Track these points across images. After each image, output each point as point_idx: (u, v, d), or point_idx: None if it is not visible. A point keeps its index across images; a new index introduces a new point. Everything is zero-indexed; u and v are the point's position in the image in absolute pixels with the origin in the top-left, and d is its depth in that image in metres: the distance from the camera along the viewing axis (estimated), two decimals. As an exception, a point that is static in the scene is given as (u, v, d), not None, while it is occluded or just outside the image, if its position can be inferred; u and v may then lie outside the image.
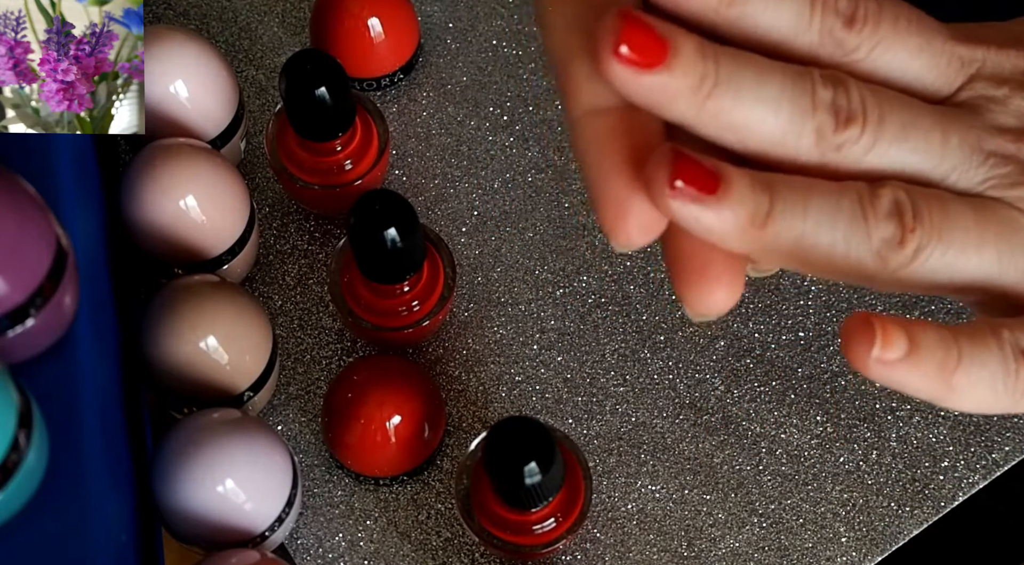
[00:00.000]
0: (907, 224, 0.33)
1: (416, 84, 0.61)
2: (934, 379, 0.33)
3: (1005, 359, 0.33)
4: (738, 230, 0.32)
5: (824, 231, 0.33)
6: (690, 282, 0.33)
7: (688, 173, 0.32)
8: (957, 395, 0.33)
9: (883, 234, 0.33)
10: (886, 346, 0.32)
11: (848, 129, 0.33)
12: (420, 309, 0.53)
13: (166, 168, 0.51)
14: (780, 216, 0.32)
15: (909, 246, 0.33)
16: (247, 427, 0.49)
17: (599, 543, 0.52)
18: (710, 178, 0.32)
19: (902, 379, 0.32)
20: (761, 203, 0.32)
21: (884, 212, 0.33)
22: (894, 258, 0.33)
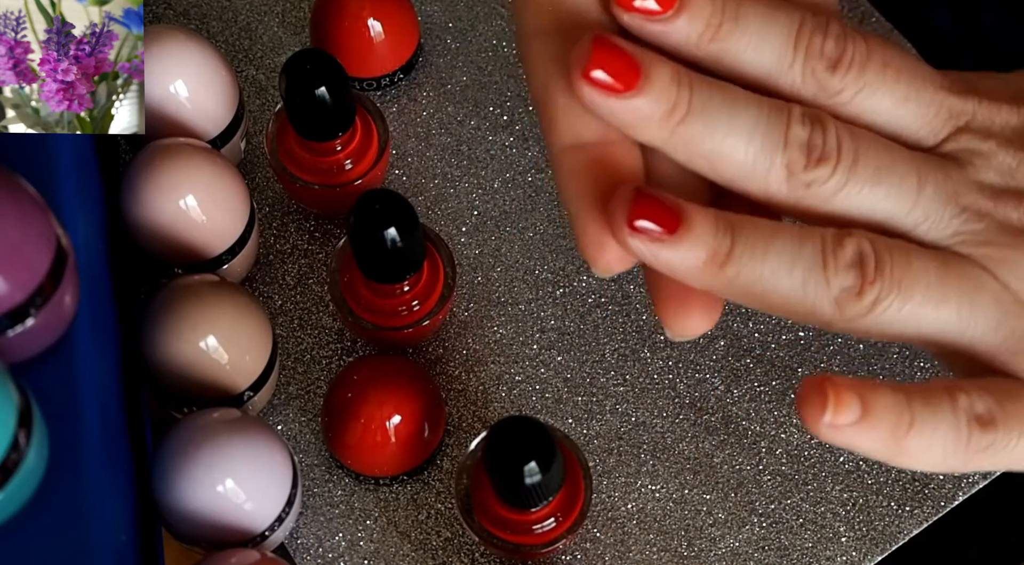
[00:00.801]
0: (867, 275, 0.33)
1: (416, 84, 0.61)
2: (886, 442, 0.33)
3: (958, 424, 0.33)
4: (697, 269, 0.33)
5: (782, 275, 0.33)
6: (668, 306, 0.34)
7: (648, 212, 0.32)
8: (907, 457, 0.33)
9: (842, 283, 0.33)
10: (838, 411, 0.32)
11: (819, 168, 0.33)
12: (420, 309, 0.53)
13: (166, 168, 0.51)
14: (739, 258, 0.33)
15: (867, 297, 0.33)
16: (247, 427, 0.49)
17: (599, 543, 0.52)
18: (671, 217, 0.32)
19: (853, 442, 0.33)
20: (722, 244, 0.33)
21: (845, 262, 0.33)
22: (851, 307, 0.33)
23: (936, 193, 0.34)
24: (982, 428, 0.33)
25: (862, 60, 0.34)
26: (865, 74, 0.34)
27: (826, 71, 0.34)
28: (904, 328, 0.33)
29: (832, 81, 0.34)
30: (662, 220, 0.32)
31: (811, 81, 0.34)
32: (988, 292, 0.33)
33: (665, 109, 0.33)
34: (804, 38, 0.34)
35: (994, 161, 0.34)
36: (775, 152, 0.33)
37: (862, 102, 0.34)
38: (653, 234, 0.32)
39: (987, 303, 0.33)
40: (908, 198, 0.34)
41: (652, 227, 0.32)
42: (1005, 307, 0.34)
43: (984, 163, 0.34)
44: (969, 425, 0.33)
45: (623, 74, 0.32)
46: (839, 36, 0.34)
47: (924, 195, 0.34)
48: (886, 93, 0.34)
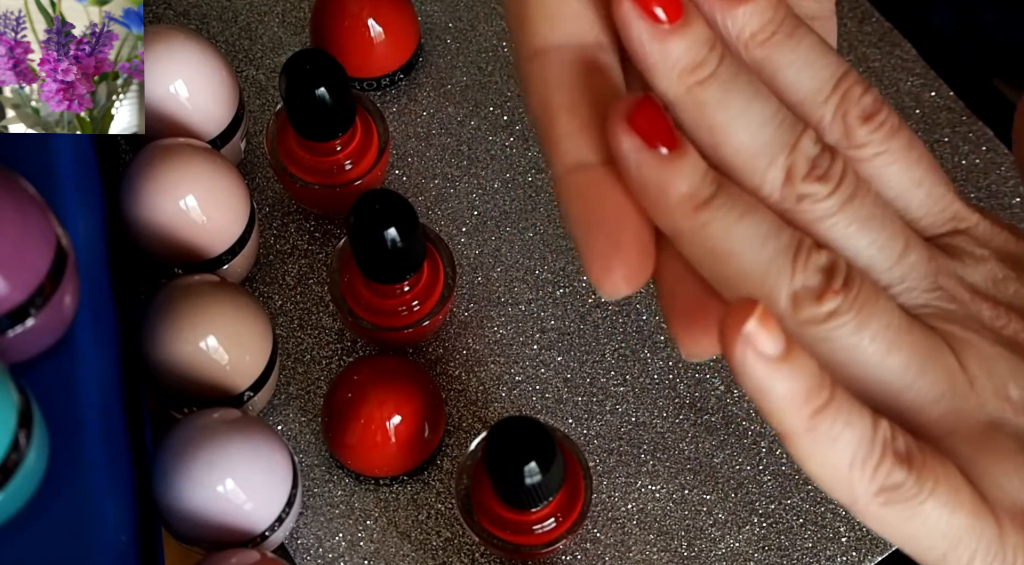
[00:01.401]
0: (833, 284, 0.31)
1: (416, 84, 0.61)
2: (798, 405, 0.30)
3: (874, 439, 0.31)
4: (671, 201, 0.32)
5: (752, 245, 0.32)
6: (684, 326, 0.33)
7: (650, 120, 0.32)
8: (813, 442, 0.31)
9: (806, 281, 0.32)
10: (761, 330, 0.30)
11: (817, 184, 0.32)
12: (420, 309, 0.53)
13: (166, 168, 0.51)
14: (717, 208, 0.32)
15: (826, 305, 0.31)
16: (247, 427, 0.49)
17: (599, 543, 0.52)
18: (670, 136, 0.32)
19: (765, 381, 0.30)
20: (706, 187, 0.32)
21: (818, 263, 0.32)
22: (806, 309, 0.31)
23: (918, 263, 0.33)
24: (896, 461, 0.31)
25: (892, 128, 0.34)
26: (891, 141, 0.34)
27: (857, 119, 0.33)
28: (851, 359, 0.32)
29: (860, 132, 0.33)
30: (660, 133, 0.31)
31: (839, 124, 0.33)
32: (944, 364, 0.32)
33: (691, 61, 0.32)
34: (847, 82, 0.33)
35: (983, 266, 0.34)
36: (780, 151, 0.32)
37: (879, 167, 0.34)
38: (648, 139, 0.31)
39: (939, 373, 0.32)
40: (890, 256, 0.33)
41: (650, 132, 0.31)
42: (955, 385, 0.32)
43: (973, 263, 0.34)
44: (883, 449, 0.31)
45: (672, 5, 0.32)
46: (879, 98, 0.34)
47: (906, 259, 0.33)
48: (903, 169, 0.34)
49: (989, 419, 0.32)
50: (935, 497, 0.31)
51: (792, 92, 0.34)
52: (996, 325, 0.33)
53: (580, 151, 0.33)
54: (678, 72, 0.32)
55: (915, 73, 0.60)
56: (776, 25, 0.33)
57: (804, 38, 0.34)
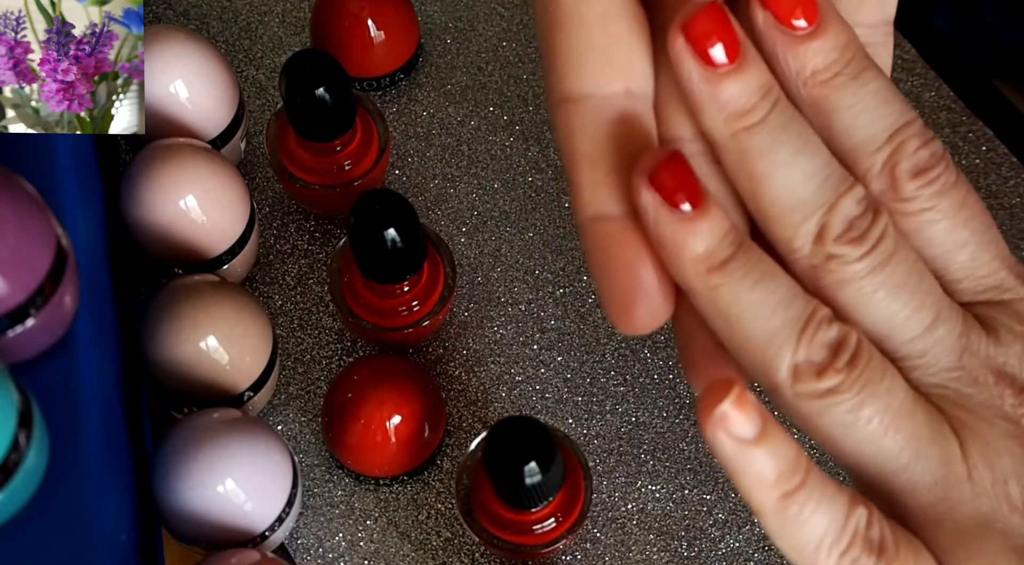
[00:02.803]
0: (837, 362, 0.31)
1: (416, 84, 0.61)
2: (772, 484, 0.30)
3: (846, 525, 0.31)
4: (687, 259, 0.31)
5: (761, 314, 0.31)
6: (700, 375, 0.33)
7: (675, 176, 0.31)
8: (784, 520, 0.31)
9: (809, 355, 0.31)
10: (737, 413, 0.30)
11: (850, 246, 0.32)
12: (420, 309, 0.53)
13: (166, 168, 0.51)
14: (731, 272, 0.31)
15: (825, 382, 0.31)
16: (247, 427, 0.49)
17: (599, 543, 0.52)
18: (695, 193, 0.31)
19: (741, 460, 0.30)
20: (724, 249, 0.31)
21: (825, 338, 0.31)
22: (805, 384, 0.31)
23: (944, 339, 0.32)
24: (866, 550, 0.31)
25: (946, 185, 0.33)
26: (942, 199, 0.33)
27: (907, 173, 0.32)
28: (843, 435, 0.32)
29: (907, 186, 0.32)
30: (683, 190, 0.31)
31: (887, 175, 0.32)
32: (943, 450, 0.32)
33: (741, 107, 0.32)
34: (906, 134, 0.32)
35: (1018, 345, 0.33)
36: (818, 209, 0.32)
37: (923, 224, 0.33)
38: (670, 196, 0.31)
39: (937, 460, 0.32)
40: (915, 328, 0.32)
41: (673, 189, 0.31)
42: (952, 475, 0.32)
43: (1010, 341, 0.33)
44: (853, 537, 0.31)
45: (729, 46, 0.31)
46: (937, 153, 0.33)
47: (932, 334, 0.32)
48: (948, 229, 0.33)
49: (981, 513, 0.32)
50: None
51: (846, 137, 0.33)
52: (1016, 414, 0.32)
53: (601, 203, 0.33)
54: (725, 116, 0.32)
55: (915, 73, 0.60)
56: (841, 66, 0.33)
57: (870, 82, 0.33)
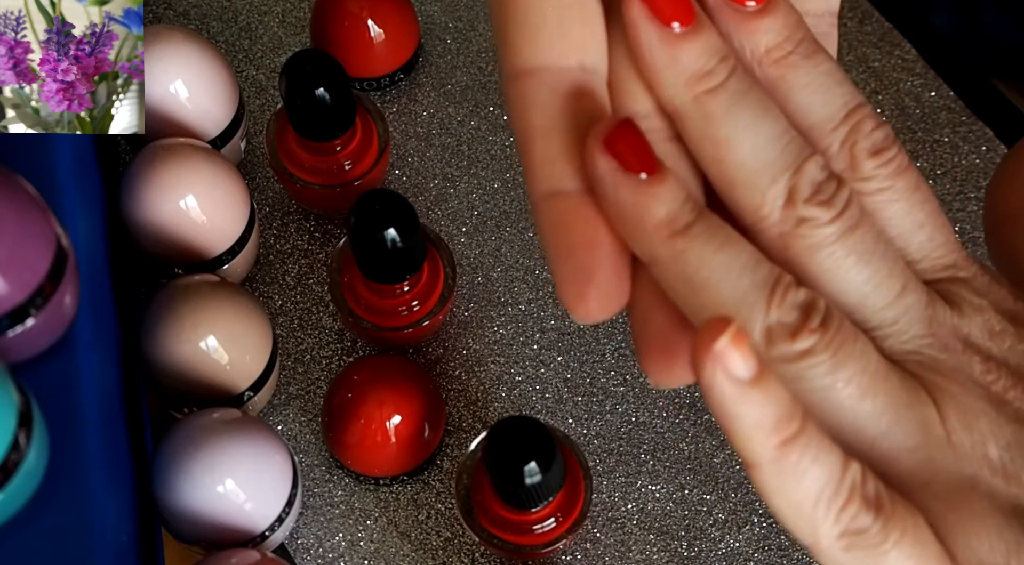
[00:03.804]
0: (809, 323, 0.30)
1: (416, 84, 0.61)
2: (767, 433, 0.29)
3: (842, 479, 0.30)
4: (647, 225, 0.31)
5: (728, 276, 0.30)
6: (654, 358, 0.32)
7: (630, 143, 0.31)
8: (779, 469, 0.29)
9: (781, 316, 0.30)
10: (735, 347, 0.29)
11: (819, 208, 0.31)
12: (420, 309, 0.53)
13: (166, 168, 0.51)
14: (694, 236, 0.30)
15: (800, 343, 0.30)
16: (247, 427, 0.49)
17: (599, 543, 0.52)
18: (650, 160, 0.31)
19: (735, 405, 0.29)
20: (685, 213, 0.31)
21: (795, 300, 0.30)
22: (780, 346, 0.30)
23: (913, 306, 0.32)
24: (864, 505, 0.30)
25: (901, 166, 0.33)
26: (898, 179, 0.33)
27: (865, 152, 0.32)
28: (822, 399, 0.31)
29: (866, 164, 0.32)
30: (640, 157, 0.30)
31: (846, 154, 0.32)
32: (921, 414, 0.31)
33: (700, 69, 0.31)
34: (860, 114, 0.33)
35: (980, 317, 0.33)
36: (784, 171, 0.31)
37: (882, 203, 0.33)
38: (626, 163, 0.30)
39: (915, 423, 0.31)
40: (886, 295, 0.32)
41: (627, 155, 0.30)
42: (930, 437, 0.31)
43: (972, 314, 0.33)
44: (851, 492, 0.30)
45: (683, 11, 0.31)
46: (890, 136, 0.33)
47: (902, 301, 0.32)
48: (906, 209, 0.33)
49: (965, 477, 0.31)
50: (900, 548, 0.30)
51: (803, 116, 0.33)
52: (986, 380, 0.32)
53: (556, 178, 0.32)
54: (686, 79, 0.31)
55: (915, 73, 0.60)
56: (794, 44, 0.33)
57: (822, 63, 0.33)
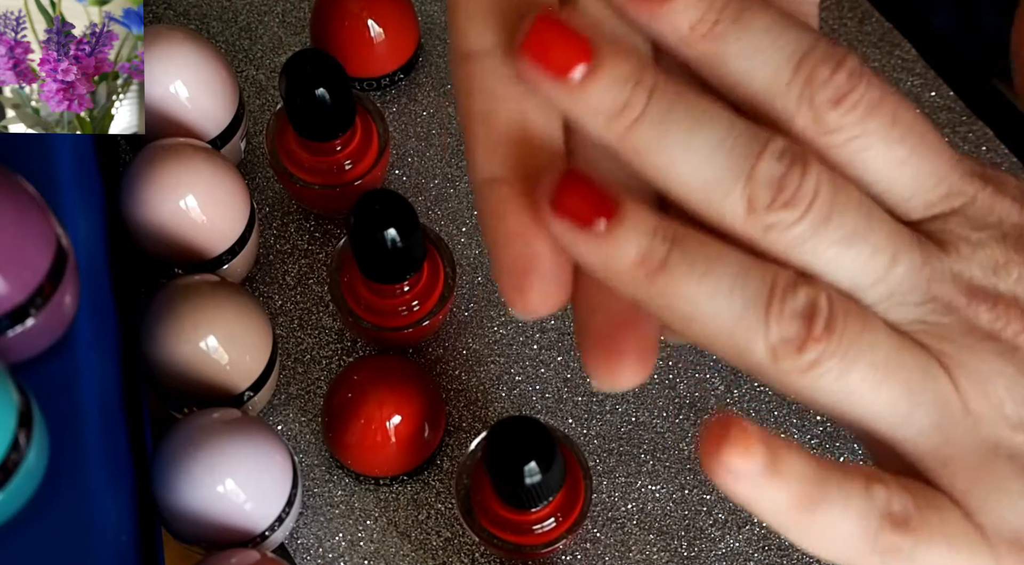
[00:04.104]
0: (814, 331, 0.29)
1: (416, 84, 0.61)
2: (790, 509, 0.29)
3: (868, 516, 0.30)
4: (623, 271, 0.29)
5: (719, 302, 0.29)
6: (597, 358, 0.30)
7: (578, 194, 0.29)
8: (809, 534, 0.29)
9: (784, 332, 0.29)
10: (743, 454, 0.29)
11: (783, 211, 0.29)
12: (420, 309, 0.53)
13: (166, 168, 0.51)
14: (673, 269, 0.29)
15: (808, 355, 0.29)
16: (247, 427, 0.49)
17: (599, 543, 0.52)
18: (603, 204, 0.29)
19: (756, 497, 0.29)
20: (657, 249, 0.29)
21: (794, 309, 0.29)
22: (787, 361, 0.29)
23: (908, 274, 0.31)
24: (892, 527, 0.30)
25: (870, 106, 0.30)
26: (868, 121, 0.30)
27: (827, 103, 0.30)
28: (837, 401, 0.30)
29: (830, 116, 0.30)
30: (592, 206, 0.29)
31: (807, 110, 0.30)
32: (937, 391, 0.31)
33: (614, 106, 0.29)
34: (811, 61, 0.30)
35: (981, 253, 0.31)
36: (736, 180, 0.29)
37: (855, 151, 0.30)
38: (580, 219, 0.29)
39: (932, 403, 0.31)
40: (876, 271, 0.30)
41: (578, 222, 0.29)
42: (950, 413, 0.31)
43: (970, 253, 0.31)
44: (880, 521, 0.30)
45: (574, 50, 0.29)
46: (854, 72, 0.30)
47: (894, 273, 0.30)
48: (884, 151, 0.30)
49: (985, 442, 0.31)
50: (932, 547, 0.30)
51: (747, 84, 0.30)
52: (995, 328, 0.31)
53: (494, 164, 0.31)
54: (603, 121, 0.29)
55: (915, 73, 0.60)
56: (716, 13, 0.30)
57: (755, 19, 0.30)
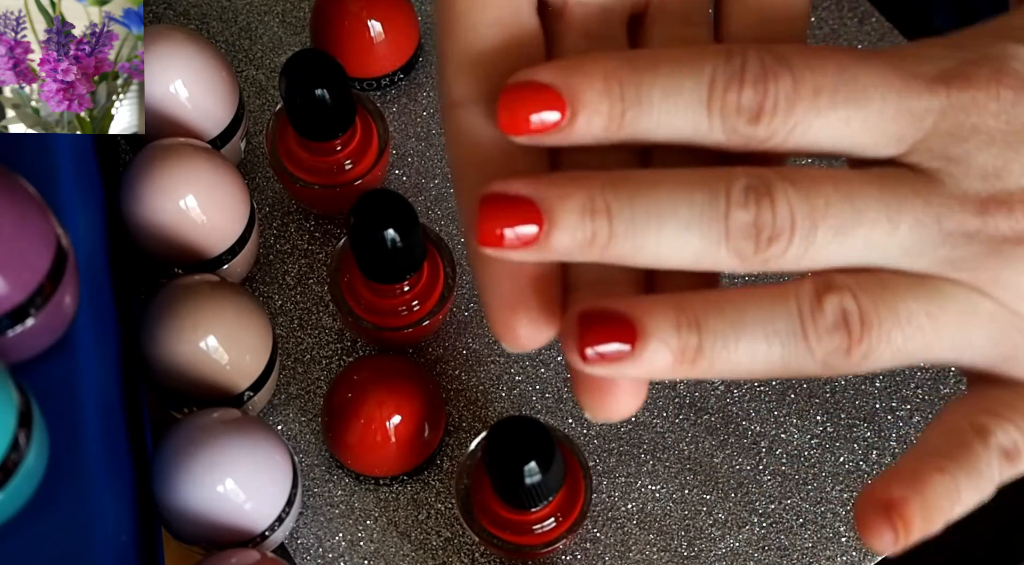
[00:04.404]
0: (854, 335, 0.31)
1: (416, 84, 0.61)
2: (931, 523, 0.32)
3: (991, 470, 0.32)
4: (667, 370, 0.31)
5: (760, 353, 0.31)
6: (590, 393, 0.32)
7: (599, 333, 0.30)
8: None
9: (827, 348, 0.31)
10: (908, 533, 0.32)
11: (771, 247, 0.31)
12: (420, 309, 0.53)
13: (166, 168, 0.51)
14: (709, 350, 0.31)
15: (856, 355, 0.31)
16: (247, 427, 0.49)
17: (599, 543, 0.52)
18: (625, 330, 0.30)
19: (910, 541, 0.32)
20: (688, 341, 0.30)
21: (827, 325, 0.31)
22: (841, 365, 0.31)
23: (914, 227, 0.31)
24: (1010, 462, 0.32)
25: (788, 100, 0.31)
26: (793, 113, 0.31)
27: (748, 125, 0.31)
28: (898, 365, 0.32)
29: (757, 132, 0.31)
30: (616, 337, 0.30)
31: (736, 137, 0.31)
32: (983, 316, 0.31)
33: (584, 241, 0.31)
34: (717, 98, 0.31)
35: (973, 166, 0.31)
36: (718, 245, 0.30)
37: (799, 138, 0.31)
38: (611, 356, 0.30)
39: (982, 327, 0.32)
40: (881, 244, 0.31)
41: (608, 350, 0.30)
42: (1002, 325, 0.32)
43: (963, 172, 0.31)
44: (1000, 464, 0.32)
45: (526, 221, 0.30)
46: (757, 78, 0.31)
47: (898, 235, 0.31)
48: (823, 124, 0.31)
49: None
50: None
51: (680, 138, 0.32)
52: (1018, 230, 0.31)
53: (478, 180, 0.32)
54: (581, 252, 0.31)
55: (915, 73, 0.60)
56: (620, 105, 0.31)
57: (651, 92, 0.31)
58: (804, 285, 0.31)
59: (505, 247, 0.31)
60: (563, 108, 0.31)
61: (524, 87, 0.31)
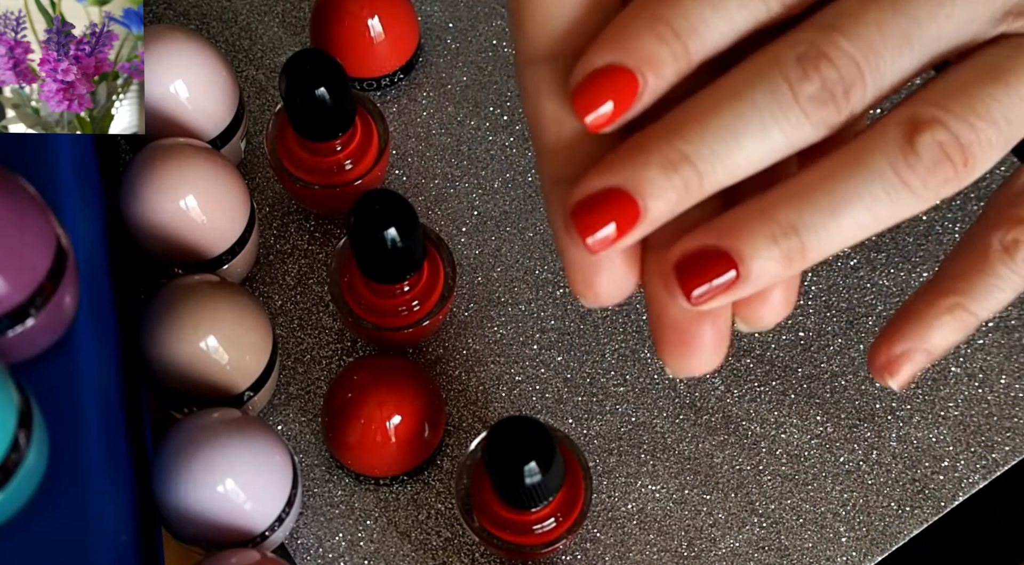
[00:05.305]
0: (957, 162, 0.30)
1: (416, 84, 0.61)
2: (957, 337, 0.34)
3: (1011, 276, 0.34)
4: (781, 276, 0.31)
5: (865, 220, 0.30)
6: (673, 349, 0.32)
7: (701, 275, 0.31)
8: None
9: (934, 186, 0.31)
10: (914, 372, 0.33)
11: (852, 97, 0.30)
12: (420, 309, 0.53)
13: (166, 168, 0.51)
14: (815, 243, 0.31)
15: (964, 176, 0.31)
16: (247, 427, 0.49)
17: (599, 543, 0.52)
18: (724, 262, 0.31)
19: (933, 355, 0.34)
20: (790, 246, 0.31)
21: (928, 166, 0.30)
22: (951, 190, 0.31)
23: (968, 16, 0.31)
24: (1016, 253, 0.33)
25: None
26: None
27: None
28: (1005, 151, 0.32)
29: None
30: (717, 271, 0.31)
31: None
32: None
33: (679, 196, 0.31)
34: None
35: None
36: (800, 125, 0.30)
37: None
38: (720, 288, 0.31)
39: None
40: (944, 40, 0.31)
41: (715, 284, 0.31)
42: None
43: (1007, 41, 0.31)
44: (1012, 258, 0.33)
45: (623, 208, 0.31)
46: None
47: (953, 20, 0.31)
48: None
49: None
50: None
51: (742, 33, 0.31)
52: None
53: (564, 167, 0.32)
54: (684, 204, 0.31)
55: (915, 73, 0.60)
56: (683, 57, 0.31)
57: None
58: (887, 133, 0.31)
59: (617, 241, 0.31)
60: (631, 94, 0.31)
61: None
